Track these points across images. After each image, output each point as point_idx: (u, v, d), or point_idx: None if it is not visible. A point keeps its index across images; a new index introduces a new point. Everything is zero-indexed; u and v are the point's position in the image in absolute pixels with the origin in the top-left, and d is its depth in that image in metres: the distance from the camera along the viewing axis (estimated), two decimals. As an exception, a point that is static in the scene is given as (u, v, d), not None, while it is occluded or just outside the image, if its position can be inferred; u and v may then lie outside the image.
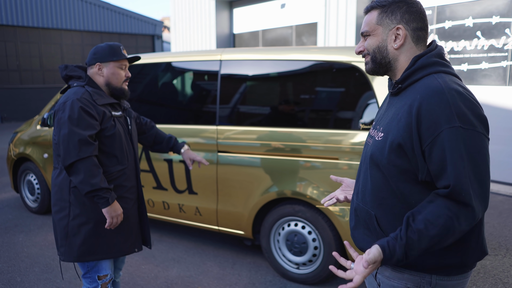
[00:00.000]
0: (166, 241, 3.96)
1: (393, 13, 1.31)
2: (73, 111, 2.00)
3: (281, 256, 3.21)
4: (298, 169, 2.99)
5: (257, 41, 9.73)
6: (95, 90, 2.15)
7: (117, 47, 2.22)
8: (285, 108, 3.13)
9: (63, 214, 2.10)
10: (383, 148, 1.27)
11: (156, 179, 3.68)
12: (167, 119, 3.64)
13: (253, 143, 3.14)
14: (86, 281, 2.20)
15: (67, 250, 2.10)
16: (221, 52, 3.40)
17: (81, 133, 1.98)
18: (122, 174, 2.20)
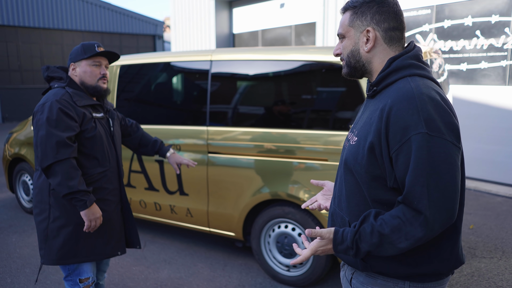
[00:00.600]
0: (158, 242, 3.94)
1: (364, 14, 1.27)
2: (52, 112, 1.97)
3: (272, 258, 3.18)
4: (290, 171, 2.96)
5: (257, 41, 9.70)
6: (75, 91, 2.12)
7: (90, 45, 2.16)
8: (276, 108, 3.10)
9: (43, 216, 2.09)
10: (357, 153, 1.24)
11: (148, 180, 3.66)
12: (158, 119, 3.62)
13: (244, 144, 3.11)
14: (67, 284, 2.18)
15: (47, 252, 2.08)
16: (211, 53, 3.37)
17: (59, 135, 1.95)
18: (104, 176, 2.17)
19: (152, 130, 3.58)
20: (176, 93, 3.96)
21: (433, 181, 1.09)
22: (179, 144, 3.42)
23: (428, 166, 1.09)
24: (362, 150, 1.22)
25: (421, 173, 1.09)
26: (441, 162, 1.09)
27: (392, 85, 1.23)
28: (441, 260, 1.22)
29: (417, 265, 1.21)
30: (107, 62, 2.23)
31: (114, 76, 3.94)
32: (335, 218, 1.38)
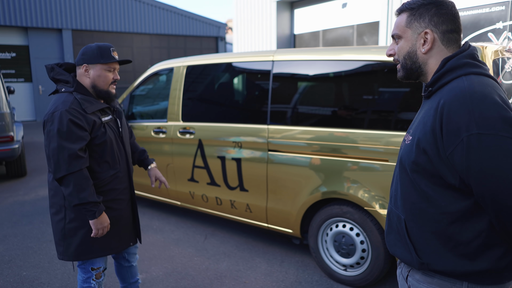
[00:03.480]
0: (219, 235, 4.10)
1: (422, 16, 1.29)
2: (62, 124, 2.00)
3: (329, 256, 3.21)
4: (348, 170, 2.96)
5: (318, 41, 9.67)
6: (84, 97, 2.12)
7: (107, 49, 2.15)
8: (336, 108, 3.12)
9: (59, 217, 2.18)
10: (411, 152, 1.27)
11: (210, 176, 3.83)
12: (220, 117, 3.78)
13: (304, 143, 3.17)
14: (81, 271, 2.31)
15: (65, 250, 2.20)
16: (273, 53, 3.46)
17: (70, 147, 1.99)
18: (115, 178, 2.23)
19: (215, 128, 3.75)
20: (238, 92, 4.10)
21: (502, 180, 1.09)
22: (240, 141, 3.55)
23: (485, 168, 1.09)
24: (416, 149, 1.24)
25: (480, 176, 1.10)
26: (500, 161, 1.08)
27: (447, 85, 1.23)
28: (500, 256, 1.20)
29: (476, 260, 1.20)
30: (119, 66, 2.25)
31: (180, 76, 4.16)
32: (391, 217, 1.41)
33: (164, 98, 4.48)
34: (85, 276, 2.30)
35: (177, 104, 4.13)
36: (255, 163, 3.46)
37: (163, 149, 4.25)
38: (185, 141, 4.01)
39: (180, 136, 4.05)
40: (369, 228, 2.90)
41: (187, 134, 3.98)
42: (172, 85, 4.22)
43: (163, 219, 4.61)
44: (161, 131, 4.25)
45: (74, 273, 3.35)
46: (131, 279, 2.60)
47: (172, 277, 3.28)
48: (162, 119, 4.32)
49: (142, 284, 3.16)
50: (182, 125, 4.05)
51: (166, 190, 4.34)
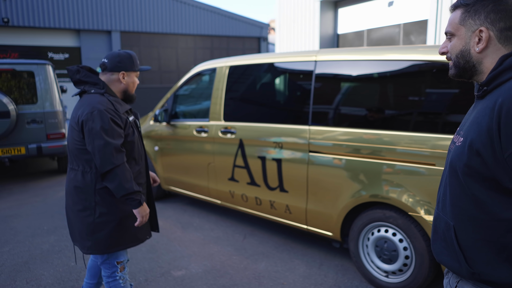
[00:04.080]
0: (257, 235, 4.11)
1: (477, 13, 1.21)
2: (104, 121, 2.14)
3: (370, 262, 3.12)
4: (391, 174, 2.87)
5: (362, 41, 9.47)
6: (114, 99, 2.28)
7: (136, 58, 2.38)
8: (381, 110, 3.03)
9: (88, 212, 2.26)
10: (462, 154, 1.19)
11: (250, 175, 3.84)
12: (263, 118, 3.78)
13: (346, 145, 3.10)
14: (105, 267, 2.40)
15: (95, 243, 2.27)
16: (316, 53, 3.42)
17: (115, 143, 2.14)
18: (139, 173, 2.38)
19: (256, 128, 3.76)
20: (279, 92, 4.09)
21: None
22: (281, 142, 3.54)
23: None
24: (468, 151, 1.16)
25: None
26: None
27: (504, 84, 1.15)
28: None
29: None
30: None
31: (223, 76, 4.21)
32: (438, 223, 1.33)
33: (207, 97, 4.55)
34: (110, 272, 2.39)
35: (219, 104, 4.18)
36: (295, 164, 3.44)
37: (205, 148, 4.32)
38: (226, 140, 4.05)
39: (221, 136, 4.10)
40: (413, 234, 2.79)
41: (229, 134, 4.02)
42: (215, 85, 4.28)
43: (203, 217, 4.68)
44: (203, 130, 4.32)
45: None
46: (100, 278, 2.64)
47: (211, 274, 3.32)
48: (204, 118, 4.39)
49: (182, 280, 3.23)
50: (224, 125, 4.09)
51: (207, 189, 4.41)
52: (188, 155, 4.57)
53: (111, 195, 2.25)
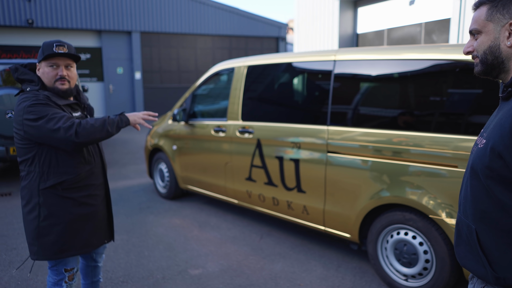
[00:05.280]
0: (274, 235, 4.09)
1: (505, 7, 1.18)
2: (36, 112, 1.98)
3: (388, 265, 3.07)
4: (412, 175, 2.82)
5: (382, 40, 9.33)
6: (51, 93, 2.09)
7: (49, 45, 2.06)
8: (401, 110, 2.98)
9: (33, 215, 2.12)
10: (484, 156, 1.16)
11: (268, 175, 3.83)
12: (281, 118, 3.76)
13: (366, 145, 3.06)
14: (52, 273, 2.26)
15: (41, 249, 2.13)
16: (335, 53, 3.38)
17: (57, 126, 1.97)
18: (91, 173, 2.22)
19: (274, 128, 3.74)
20: (297, 92, 4.06)
21: None
22: (298, 142, 3.51)
23: None
24: (490, 153, 1.13)
25: None
26: None
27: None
28: None
29: None
30: (70, 62, 2.13)
31: (241, 76, 4.21)
32: (460, 227, 1.30)
33: (225, 97, 4.56)
34: (57, 278, 2.25)
35: (237, 104, 4.18)
36: (313, 164, 3.41)
37: (222, 147, 4.32)
38: (244, 140, 4.05)
39: (239, 135, 4.10)
40: (434, 237, 2.73)
41: (246, 134, 4.01)
42: (233, 85, 4.28)
43: (220, 216, 4.69)
44: (220, 130, 4.32)
45: (134, 264, 3.50)
46: (93, 277, 2.58)
47: (227, 274, 3.32)
48: (222, 118, 4.40)
49: (198, 279, 3.24)
50: (242, 124, 4.09)
51: (224, 189, 4.41)
52: (205, 155, 4.58)
53: (57, 196, 2.11)
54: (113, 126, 2.10)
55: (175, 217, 4.70)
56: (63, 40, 2.12)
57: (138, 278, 3.27)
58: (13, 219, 4.62)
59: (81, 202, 2.19)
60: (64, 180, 2.12)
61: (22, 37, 14.18)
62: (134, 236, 4.11)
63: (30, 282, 3.19)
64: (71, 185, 2.14)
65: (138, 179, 6.49)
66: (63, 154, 2.10)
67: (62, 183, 2.12)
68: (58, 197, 2.12)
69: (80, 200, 2.18)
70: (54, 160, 2.10)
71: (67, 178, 2.12)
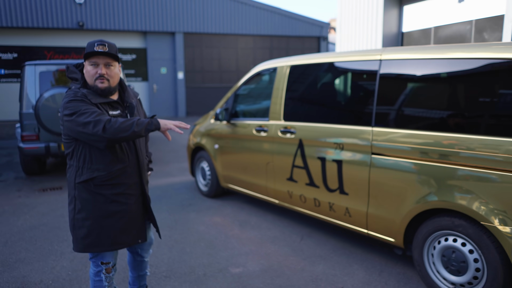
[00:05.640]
0: (315, 237, 4.05)
1: None
2: (71, 108, 2.07)
3: (435, 272, 2.95)
4: (461, 180, 2.70)
5: (428, 39, 9.01)
6: (89, 91, 2.17)
7: (91, 44, 2.13)
8: (450, 111, 2.86)
9: (71, 207, 2.24)
10: None
11: (309, 176, 3.80)
12: (323, 118, 3.72)
13: (412, 147, 2.96)
14: (93, 264, 2.37)
15: (74, 240, 2.26)
16: (381, 52, 3.30)
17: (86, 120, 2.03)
18: (123, 172, 2.24)
19: (317, 128, 3.70)
20: (341, 92, 4.00)
21: None
22: (342, 143, 3.45)
23: None
24: None
25: None
26: None
27: None
28: None
29: None
30: (109, 61, 2.17)
31: (283, 76, 4.20)
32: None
33: (266, 97, 4.57)
34: (96, 270, 2.35)
35: (279, 104, 4.18)
36: (357, 166, 3.34)
37: (264, 147, 4.33)
38: (285, 140, 4.04)
39: (281, 135, 4.09)
40: (486, 245, 2.60)
41: (288, 134, 4.00)
42: (275, 85, 4.28)
43: (260, 216, 4.70)
44: (262, 130, 4.34)
45: (176, 260, 3.58)
46: (140, 271, 2.68)
47: (268, 274, 3.33)
48: (264, 118, 4.41)
49: (239, 277, 3.26)
50: (284, 124, 4.08)
51: (265, 188, 4.42)
52: (247, 154, 4.61)
53: (89, 191, 2.18)
54: (142, 127, 2.08)
55: (216, 215, 4.76)
56: (105, 40, 2.17)
57: (180, 273, 3.34)
58: (64, 212, 4.86)
59: (113, 199, 2.23)
60: (95, 176, 2.18)
61: (73, 38, 14.91)
62: (176, 233, 4.21)
63: (79, 273, 3.34)
64: (103, 182, 2.19)
65: (181, 177, 6.64)
66: (96, 151, 2.16)
67: (94, 179, 2.18)
68: (90, 192, 2.19)
69: (111, 198, 2.22)
70: (88, 156, 2.17)
71: (98, 174, 2.18)
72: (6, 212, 4.93)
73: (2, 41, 14.29)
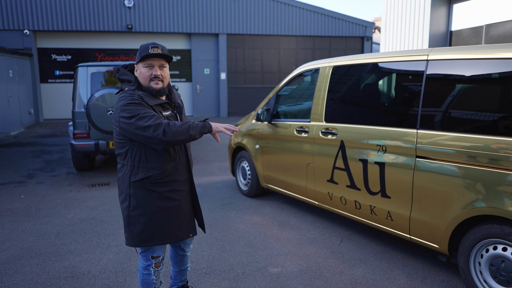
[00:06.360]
0: (355, 240, 4.00)
1: None
2: (130, 111, 2.17)
3: (482, 281, 2.83)
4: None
5: (479, 38, 8.60)
6: (145, 93, 2.28)
7: (145, 47, 2.24)
8: (501, 114, 2.72)
9: (125, 204, 2.35)
10: None
11: (350, 178, 3.75)
12: (366, 120, 3.66)
13: (459, 151, 2.85)
14: (142, 258, 2.48)
15: (129, 236, 2.37)
16: (428, 52, 3.20)
17: (147, 124, 2.13)
18: (176, 170, 2.37)
19: (359, 130, 3.65)
20: (384, 94, 3.92)
21: None
22: (384, 145, 3.38)
23: None
24: None
25: None
26: None
27: None
28: None
29: None
30: (163, 63, 2.30)
31: (326, 77, 4.17)
32: None
33: (308, 98, 4.55)
34: (146, 264, 2.47)
35: (321, 104, 4.15)
36: (400, 169, 3.26)
37: (304, 148, 4.32)
38: (326, 141, 4.01)
39: (322, 136, 4.07)
40: (538, 255, 2.46)
41: (329, 135, 3.97)
42: (317, 85, 4.26)
43: (300, 217, 4.69)
44: (303, 131, 4.33)
45: (216, 257, 3.65)
46: (182, 266, 2.79)
47: (306, 275, 3.32)
48: (305, 118, 4.39)
49: (277, 277, 3.28)
50: (325, 126, 4.05)
51: (305, 190, 4.41)
52: (287, 155, 4.62)
53: (144, 189, 2.30)
54: (196, 130, 2.22)
55: (255, 214, 4.80)
56: (157, 42, 2.29)
57: (220, 271, 3.40)
58: (111, 207, 5.08)
59: (166, 196, 2.36)
60: (151, 174, 2.30)
61: (122, 41, 15.54)
62: (216, 231, 4.29)
63: (124, 266, 3.48)
64: (157, 180, 2.32)
65: (222, 176, 6.75)
66: (151, 151, 2.28)
67: (150, 177, 2.30)
68: (145, 190, 2.31)
69: (165, 194, 2.35)
70: (144, 156, 2.28)
71: (154, 173, 2.30)
72: (58, 205, 5.23)
73: (57, 44, 15.16)
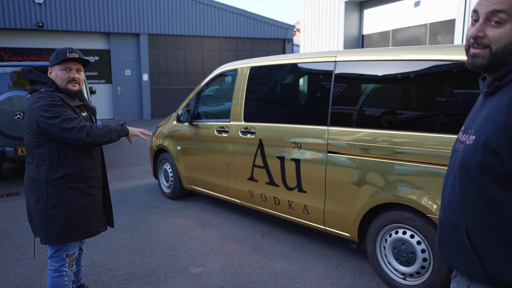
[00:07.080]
0: (276, 235, 4.13)
1: None
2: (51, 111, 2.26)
3: (387, 263, 3.09)
4: (410, 175, 2.84)
5: (387, 41, 9.34)
6: (63, 95, 2.39)
7: (63, 51, 2.36)
8: (402, 110, 3.00)
9: (41, 203, 2.38)
10: (475, 153, 1.15)
11: (269, 175, 3.87)
12: (282, 118, 3.80)
13: (365, 145, 3.08)
14: (53, 260, 2.50)
15: (47, 235, 2.39)
16: (336, 54, 3.42)
17: (70, 126, 2.26)
18: (93, 167, 2.53)
19: (276, 128, 3.78)
20: (299, 93, 4.10)
21: None
22: (299, 142, 3.55)
23: None
24: (483, 149, 1.12)
25: None
26: None
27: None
28: None
29: None
30: (80, 67, 2.44)
31: (244, 77, 4.26)
32: (444, 225, 1.29)
33: (228, 98, 4.61)
34: (57, 265, 2.48)
35: (239, 105, 4.23)
36: (314, 164, 3.44)
37: (225, 148, 4.37)
38: (246, 140, 4.09)
39: (241, 136, 4.14)
40: (432, 236, 2.75)
41: (248, 134, 4.06)
42: (236, 86, 4.33)
43: (223, 216, 4.74)
44: (223, 131, 4.38)
45: (137, 262, 3.56)
46: (79, 265, 2.86)
47: (228, 272, 3.37)
48: (225, 119, 4.45)
49: (200, 277, 3.29)
50: (244, 125, 4.13)
51: (227, 189, 4.46)
52: (209, 155, 4.64)
53: (64, 186, 2.37)
54: (115, 134, 2.42)
55: (178, 216, 4.76)
56: (73, 48, 2.44)
57: (140, 276, 3.32)
58: (20, 218, 4.71)
59: (85, 192, 2.47)
60: (71, 171, 2.40)
61: (32, 40, 14.41)
62: (137, 235, 4.17)
63: (35, 280, 3.26)
64: (77, 177, 2.42)
65: (144, 179, 6.57)
66: (71, 149, 2.39)
67: (70, 174, 2.40)
68: (65, 187, 2.39)
69: (83, 190, 2.46)
70: (63, 154, 2.38)
71: (73, 170, 2.40)
72: (-43, 219, 4.73)
73: (-46, 41, 13.64)
